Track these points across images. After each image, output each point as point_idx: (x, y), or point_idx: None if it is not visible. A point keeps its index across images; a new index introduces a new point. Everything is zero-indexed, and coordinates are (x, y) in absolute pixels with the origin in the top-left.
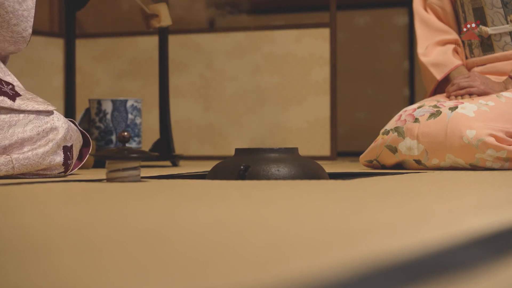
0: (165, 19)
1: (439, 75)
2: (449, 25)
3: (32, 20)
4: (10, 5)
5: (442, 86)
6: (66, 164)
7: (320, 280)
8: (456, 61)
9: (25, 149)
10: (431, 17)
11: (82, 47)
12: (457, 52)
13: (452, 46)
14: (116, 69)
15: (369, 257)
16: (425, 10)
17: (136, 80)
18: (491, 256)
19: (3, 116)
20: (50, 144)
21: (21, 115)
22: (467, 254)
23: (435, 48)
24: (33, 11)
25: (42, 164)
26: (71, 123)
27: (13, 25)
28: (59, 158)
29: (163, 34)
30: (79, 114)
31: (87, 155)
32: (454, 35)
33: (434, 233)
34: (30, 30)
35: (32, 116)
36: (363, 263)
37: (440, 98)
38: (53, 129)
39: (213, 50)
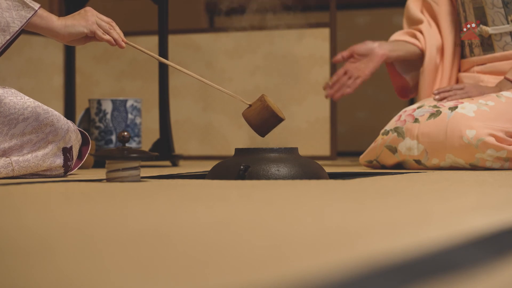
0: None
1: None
2: (435, 19)
3: None
4: None
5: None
6: (66, 165)
7: (320, 280)
8: (398, 37)
9: (25, 151)
10: (412, 7)
11: (82, 47)
12: (414, 35)
13: (407, 30)
14: (116, 69)
15: (369, 257)
16: (421, 12)
17: (136, 80)
18: (491, 256)
19: (2, 119)
20: (50, 146)
21: (21, 117)
22: (467, 254)
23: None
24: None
25: (42, 166)
26: (70, 124)
27: None
28: (59, 160)
29: (163, 34)
30: (79, 114)
31: (87, 154)
32: (422, 25)
33: (434, 233)
34: None
35: (31, 118)
36: (363, 263)
37: None
38: (52, 131)
39: (213, 50)
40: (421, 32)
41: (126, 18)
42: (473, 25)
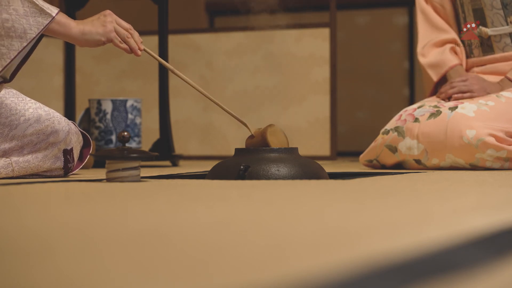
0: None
1: (435, 77)
2: (448, 22)
3: (8, 61)
4: None
5: (442, 86)
6: (66, 167)
7: (320, 280)
8: (453, 61)
9: (25, 152)
10: (431, 11)
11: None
12: (455, 52)
13: (450, 46)
14: (116, 69)
15: (369, 257)
16: (426, 3)
17: (136, 80)
18: (491, 256)
19: (3, 120)
20: (50, 148)
21: (22, 119)
22: (467, 254)
23: (433, 49)
24: (14, 53)
25: (42, 168)
26: (72, 125)
27: None
28: (59, 162)
29: (163, 34)
30: (79, 114)
31: (88, 156)
32: (452, 34)
33: (434, 233)
34: None
35: (32, 120)
36: (363, 263)
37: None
38: (53, 132)
39: (213, 50)
40: (458, 45)
41: (126, 18)
42: (473, 25)
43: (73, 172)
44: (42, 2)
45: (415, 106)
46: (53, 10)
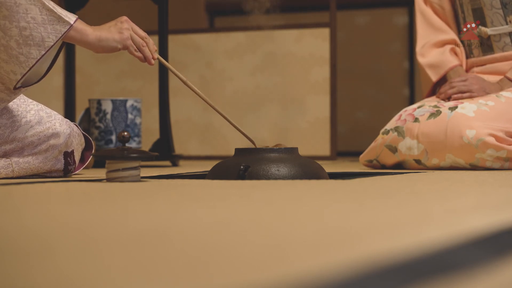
0: None
1: (434, 77)
2: (447, 23)
3: (26, 69)
4: (6, 38)
5: (442, 86)
6: (66, 169)
7: (320, 280)
8: (453, 62)
9: (25, 153)
10: (431, 13)
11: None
12: (455, 53)
13: (450, 47)
14: (116, 69)
15: (369, 257)
16: (425, 4)
17: (136, 80)
18: (491, 256)
19: (4, 121)
20: (51, 150)
21: (23, 120)
22: (467, 254)
23: (433, 50)
24: (32, 61)
25: (42, 169)
26: (74, 127)
27: None
28: (60, 164)
29: (163, 34)
30: (79, 114)
31: (89, 159)
32: (452, 35)
33: (434, 233)
34: (19, 77)
35: (34, 121)
36: (363, 263)
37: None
38: (54, 134)
39: (213, 50)
40: (458, 46)
41: None
42: (473, 25)
43: (74, 173)
44: (60, 10)
45: (415, 106)
46: (71, 18)
